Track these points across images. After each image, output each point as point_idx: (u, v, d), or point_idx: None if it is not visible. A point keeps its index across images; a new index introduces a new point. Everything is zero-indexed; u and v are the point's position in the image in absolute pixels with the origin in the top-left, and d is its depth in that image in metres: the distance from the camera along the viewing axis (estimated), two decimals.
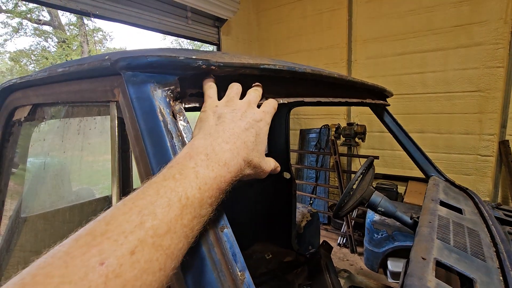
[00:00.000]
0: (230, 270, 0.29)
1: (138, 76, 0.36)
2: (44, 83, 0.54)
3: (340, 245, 3.03)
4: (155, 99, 0.35)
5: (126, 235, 0.22)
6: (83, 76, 0.44)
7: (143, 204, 0.25)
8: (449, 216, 0.94)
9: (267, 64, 0.44)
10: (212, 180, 0.29)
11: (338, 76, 0.63)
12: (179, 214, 0.26)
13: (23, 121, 0.62)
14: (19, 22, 12.47)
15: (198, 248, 0.29)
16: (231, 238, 0.32)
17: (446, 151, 2.95)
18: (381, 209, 1.34)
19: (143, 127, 0.34)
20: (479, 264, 0.69)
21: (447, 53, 2.81)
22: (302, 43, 3.69)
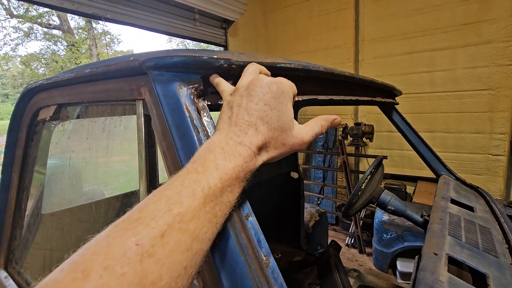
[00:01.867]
0: (256, 254, 0.31)
1: (164, 75, 0.39)
2: (69, 84, 0.57)
3: (349, 245, 3.02)
4: (181, 97, 0.38)
5: (157, 220, 0.25)
6: (110, 76, 0.47)
7: (170, 194, 0.27)
8: (460, 214, 0.94)
9: (283, 63, 0.46)
10: (231, 170, 0.31)
11: (349, 74, 0.65)
12: (202, 202, 0.28)
13: (48, 120, 0.66)
14: (30, 26, 12.75)
15: (226, 234, 0.32)
16: (255, 226, 0.34)
17: (456, 150, 2.92)
18: (391, 207, 1.34)
19: (170, 122, 0.36)
20: (491, 260, 0.69)
21: (456, 52, 2.78)
22: (309, 44, 3.70)
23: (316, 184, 3.59)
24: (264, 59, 0.47)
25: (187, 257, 0.26)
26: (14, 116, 0.75)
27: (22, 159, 0.76)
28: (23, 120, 0.74)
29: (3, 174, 0.79)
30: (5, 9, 12.26)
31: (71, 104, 0.61)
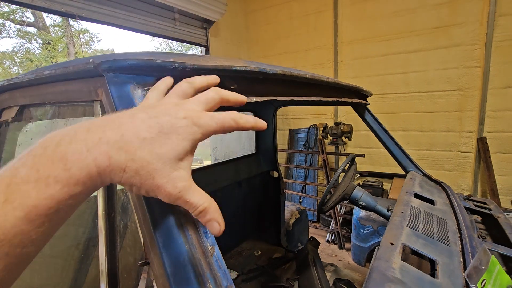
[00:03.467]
0: (201, 244, 0.33)
1: (119, 77, 0.40)
2: (31, 85, 0.57)
3: (329, 241, 3.10)
4: (134, 98, 0.39)
5: None
6: (69, 78, 0.48)
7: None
8: (421, 207, 1.00)
9: (239, 66, 0.48)
10: (31, 187, 0.22)
11: (310, 76, 0.68)
12: None
13: (11, 121, 0.65)
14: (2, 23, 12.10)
15: (169, 222, 0.33)
16: None
17: (429, 148, 3.06)
18: (362, 203, 1.40)
19: None
20: (443, 248, 0.75)
21: (428, 54, 2.92)
22: (289, 44, 3.75)
23: (298, 183, 3.65)
24: (222, 62, 0.49)
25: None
26: None
27: None
28: None
29: None
30: None
31: (34, 105, 0.61)
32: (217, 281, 0.31)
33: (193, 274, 0.31)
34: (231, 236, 2.04)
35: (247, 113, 2.13)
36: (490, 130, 2.71)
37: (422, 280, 0.61)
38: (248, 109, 2.04)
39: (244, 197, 2.09)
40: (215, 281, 0.31)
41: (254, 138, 2.15)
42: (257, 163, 2.16)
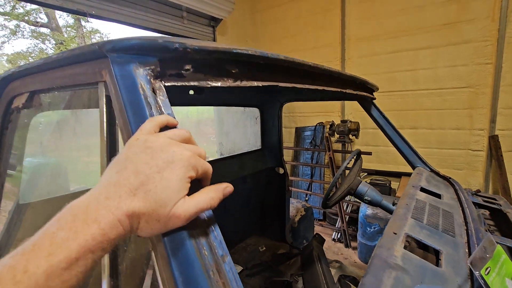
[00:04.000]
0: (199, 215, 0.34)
1: (122, 57, 0.41)
2: (40, 71, 0.59)
3: (335, 240, 3.08)
4: (137, 77, 0.40)
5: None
6: (75, 61, 0.49)
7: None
8: (426, 200, 0.99)
9: (240, 49, 0.49)
10: (72, 243, 0.26)
11: (313, 64, 0.69)
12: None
13: (21, 108, 0.67)
14: (17, 24, 12.43)
15: None
16: None
17: (438, 146, 3.00)
18: (368, 198, 1.38)
19: (126, 100, 0.39)
20: (448, 239, 0.74)
21: (437, 51, 2.87)
22: (296, 43, 3.75)
23: (304, 181, 3.64)
24: (220, 45, 0.50)
25: None
26: None
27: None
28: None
29: None
30: None
31: (43, 91, 0.63)
32: (213, 249, 0.32)
33: (189, 241, 0.32)
34: (236, 231, 2.05)
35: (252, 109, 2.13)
36: (502, 128, 2.65)
37: (424, 268, 0.60)
38: (255, 105, 2.05)
39: (249, 192, 2.10)
40: (210, 249, 0.32)
41: (259, 134, 2.15)
42: (263, 159, 2.16)
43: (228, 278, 0.31)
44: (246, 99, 1.94)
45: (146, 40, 0.40)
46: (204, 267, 0.31)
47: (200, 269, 0.31)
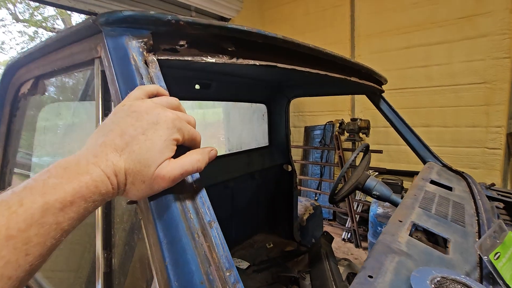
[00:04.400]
0: (186, 180, 0.33)
1: (116, 30, 0.42)
2: (43, 54, 0.60)
3: (345, 240, 3.02)
4: (129, 48, 0.40)
5: None
6: (73, 40, 0.50)
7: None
8: (436, 192, 0.95)
9: (235, 25, 0.48)
10: (66, 186, 0.27)
11: (314, 47, 0.67)
12: (3, 224, 0.23)
13: (27, 94, 0.69)
14: (35, 30, 12.90)
15: None
16: None
17: (453, 144, 2.90)
18: (376, 192, 1.35)
19: (117, 70, 0.39)
20: (457, 229, 0.71)
21: (452, 46, 2.78)
22: (305, 41, 3.63)
23: (314, 180, 3.60)
24: (216, 22, 0.49)
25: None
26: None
27: (6, 134, 0.79)
28: (7, 96, 0.78)
29: None
30: (11, 14, 12.53)
31: (46, 75, 0.64)
32: (199, 214, 0.31)
33: (174, 204, 0.31)
34: (243, 227, 2.04)
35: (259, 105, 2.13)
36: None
37: (430, 254, 0.57)
38: (261, 101, 2.04)
39: (256, 189, 2.09)
40: (197, 213, 0.31)
41: (266, 131, 2.14)
42: (270, 156, 2.15)
43: (215, 242, 0.30)
44: (252, 95, 1.93)
45: (139, 12, 0.41)
46: (189, 229, 0.30)
47: (185, 231, 0.30)
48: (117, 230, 0.42)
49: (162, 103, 0.35)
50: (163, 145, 0.32)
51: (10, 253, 0.23)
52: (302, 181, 3.82)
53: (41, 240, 0.25)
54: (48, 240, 0.25)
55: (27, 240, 0.24)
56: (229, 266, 0.29)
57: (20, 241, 0.24)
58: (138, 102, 0.34)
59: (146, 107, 0.33)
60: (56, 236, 0.26)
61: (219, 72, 1.35)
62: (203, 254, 0.29)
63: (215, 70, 1.32)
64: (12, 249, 0.23)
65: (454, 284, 0.43)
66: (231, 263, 0.29)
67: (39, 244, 0.25)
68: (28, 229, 0.24)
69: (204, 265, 0.28)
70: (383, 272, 0.49)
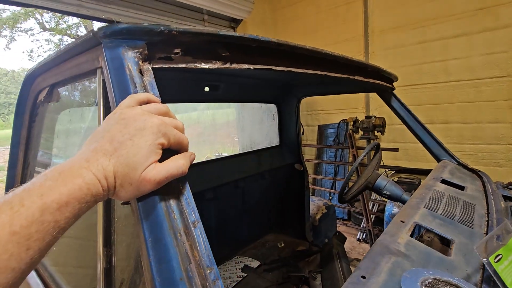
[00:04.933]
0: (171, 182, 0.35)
1: (113, 42, 0.45)
2: (55, 64, 0.65)
3: (360, 240, 2.97)
4: (124, 59, 0.43)
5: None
6: (79, 51, 0.54)
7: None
8: (446, 191, 0.93)
9: (226, 32, 0.50)
10: (61, 188, 0.29)
11: (311, 48, 0.68)
12: (7, 221, 0.26)
13: (43, 101, 0.75)
14: (60, 38, 13.61)
15: None
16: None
17: (474, 141, 2.78)
18: (387, 192, 1.32)
19: (114, 80, 0.42)
20: (463, 229, 0.69)
21: (471, 38, 2.66)
22: (318, 39, 3.68)
23: (327, 179, 3.56)
24: (206, 30, 0.51)
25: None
26: (18, 101, 0.85)
27: (26, 138, 0.86)
28: (27, 103, 0.85)
29: (11, 154, 0.90)
30: (38, 23, 13.25)
31: (59, 83, 0.69)
32: (183, 214, 0.33)
33: (159, 205, 0.34)
34: (254, 226, 2.06)
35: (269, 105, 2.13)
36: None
37: (429, 256, 0.56)
38: (271, 101, 2.05)
39: (267, 189, 2.10)
40: (181, 213, 0.33)
41: (277, 130, 2.15)
42: (281, 156, 2.15)
43: (197, 241, 0.32)
44: (262, 95, 1.95)
45: (134, 25, 0.43)
46: (172, 229, 0.32)
47: (168, 230, 0.32)
48: (116, 229, 0.46)
49: (150, 110, 0.37)
50: (148, 149, 0.34)
51: (14, 247, 0.26)
52: (316, 181, 3.78)
53: (41, 236, 0.27)
54: (47, 236, 0.28)
55: (29, 236, 0.27)
56: (210, 264, 0.31)
57: (23, 236, 0.26)
58: (128, 110, 0.37)
59: (134, 114, 0.36)
60: (54, 233, 0.29)
61: (227, 73, 1.38)
62: (184, 252, 0.31)
63: (223, 72, 1.35)
64: (16, 244, 0.26)
65: (447, 286, 0.42)
66: (212, 261, 0.31)
67: (39, 240, 0.27)
68: (29, 226, 0.27)
69: (184, 262, 0.30)
70: (377, 273, 0.49)
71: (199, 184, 1.66)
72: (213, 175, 1.74)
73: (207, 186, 1.69)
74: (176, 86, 1.26)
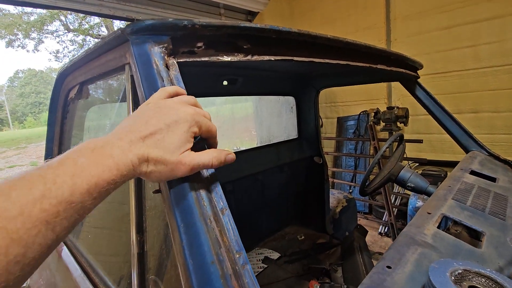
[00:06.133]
0: (202, 174, 0.37)
1: (140, 38, 0.46)
2: (85, 63, 0.68)
3: (382, 234, 2.91)
4: (151, 54, 0.45)
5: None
6: (107, 49, 0.56)
7: (3, 186, 0.26)
8: (475, 183, 0.89)
9: (248, 24, 0.50)
10: (92, 169, 0.30)
11: (332, 37, 0.66)
12: (38, 197, 0.26)
13: (73, 99, 0.79)
14: (83, 38, 14.13)
15: None
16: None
17: (507, 131, 2.62)
18: (411, 184, 1.28)
19: (142, 74, 0.44)
20: (494, 222, 0.66)
21: (505, 21, 2.48)
22: (336, 28, 3.58)
23: (347, 172, 3.50)
24: (228, 22, 0.51)
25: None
26: (52, 99, 0.91)
27: (60, 134, 0.92)
28: (59, 101, 0.90)
29: (47, 148, 0.97)
30: (63, 24, 13.87)
31: (88, 81, 0.72)
32: (212, 202, 0.35)
33: (190, 193, 0.35)
34: (274, 219, 2.08)
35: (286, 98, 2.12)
36: None
37: (458, 248, 0.55)
38: (289, 94, 2.04)
39: (286, 181, 2.10)
40: (210, 201, 0.35)
41: (295, 123, 2.13)
42: (300, 148, 2.14)
43: (226, 227, 0.34)
44: (280, 88, 1.94)
45: (159, 20, 0.45)
46: (202, 215, 0.34)
47: (198, 216, 0.34)
48: (148, 217, 0.48)
49: (182, 101, 0.40)
50: (184, 136, 0.36)
51: (42, 224, 0.26)
52: (335, 174, 3.73)
53: (68, 215, 0.28)
54: (73, 216, 0.29)
55: (57, 214, 0.27)
56: (239, 249, 0.32)
57: (51, 214, 0.27)
58: (161, 101, 0.39)
59: (168, 105, 0.38)
60: (80, 213, 0.29)
61: (245, 67, 1.38)
62: (214, 238, 0.32)
63: (241, 65, 1.35)
64: (44, 221, 0.26)
65: (478, 277, 0.41)
66: (240, 247, 0.32)
67: (65, 219, 0.28)
68: (58, 205, 0.27)
69: (215, 247, 0.31)
70: (403, 263, 0.48)
71: (219, 177, 1.69)
72: (233, 169, 1.76)
73: (227, 179, 1.72)
74: (196, 80, 1.28)
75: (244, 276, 0.30)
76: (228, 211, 0.35)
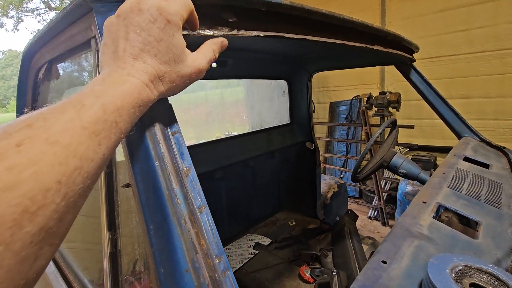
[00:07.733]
0: (174, 164, 0.32)
1: (106, 6, 0.40)
2: (50, 38, 0.60)
3: (371, 218, 2.96)
4: None
5: (13, 130, 0.23)
6: (72, 20, 0.49)
7: (50, 109, 0.26)
8: (470, 170, 0.87)
9: None
10: (113, 93, 0.29)
11: (328, 12, 0.60)
12: (76, 116, 0.26)
13: (42, 79, 0.71)
14: None
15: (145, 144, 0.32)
16: None
17: (496, 117, 2.64)
18: (403, 171, 1.27)
19: None
20: (490, 210, 0.64)
21: (498, 4, 2.44)
22: (331, 9, 3.42)
23: (339, 157, 3.51)
24: None
25: (59, 171, 0.23)
26: (19, 81, 0.82)
27: None
28: (28, 82, 0.81)
29: None
30: (43, 2, 13.09)
31: (56, 59, 0.65)
32: (188, 199, 0.30)
33: (162, 189, 0.30)
34: (265, 205, 2.06)
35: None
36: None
37: (455, 239, 0.52)
38: (281, 77, 1.97)
39: (278, 167, 2.07)
40: (185, 198, 0.30)
41: (288, 108, 2.08)
42: (292, 134, 2.10)
43: (204, 228, 0.29)
44: (272, 71, 1.86)
45: None
46: (176, 215, 0.29)
47: (171, 216, 0.29)
48: (121, 212, 0.43)
49: None
50: (176, 40, 0.35)
51: (87, 140, 0.26)
52: (327, 159, 3.74)
53: (107, 134, 0.27)
54: (112, 135, 0.28)
55: (97, 132, 0.27)
56: (219, 253, 0.28)
57: (92, 132, 0.26)
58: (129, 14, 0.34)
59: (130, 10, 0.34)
60: (117, 134, 0.29)
61: (234, 48, 1.30)
62: (189, 241, 0.28)
63: (230, 45, 1.28)
64: (87, 137, 0.26)
65: (479, 274, 0.38)
66: (221, 250, 0.28)
67: (106, 138, 0.27)
68: (95, 123, 0.27)
69: (190, 252, 0.27)
70: (399, 258, 0.45)
71: (210, 163, 1.65)
72: (224, 154, 1.72)
73: (218, 165, 1.68)
74: None
75: (225, 284, 0.26)
76: (207, 209, 0.30)
